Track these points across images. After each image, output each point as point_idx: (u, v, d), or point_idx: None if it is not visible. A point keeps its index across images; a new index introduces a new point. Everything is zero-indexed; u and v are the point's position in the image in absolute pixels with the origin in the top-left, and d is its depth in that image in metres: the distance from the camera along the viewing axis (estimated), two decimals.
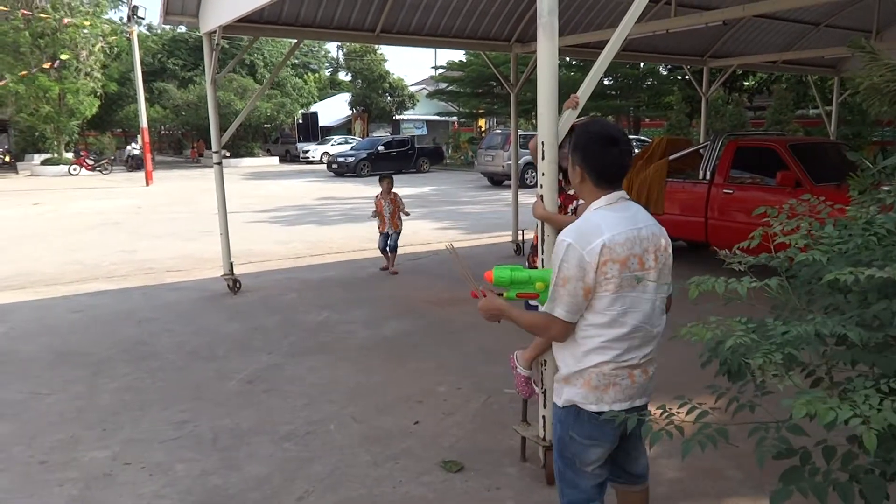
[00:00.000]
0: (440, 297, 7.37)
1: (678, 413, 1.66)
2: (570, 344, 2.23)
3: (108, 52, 31.82)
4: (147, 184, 23.83)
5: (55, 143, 31.54)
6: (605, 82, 28.92)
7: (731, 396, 1.64)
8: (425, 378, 4.97)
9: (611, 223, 2.12)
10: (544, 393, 3.41)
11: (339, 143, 36.71)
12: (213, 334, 6.14)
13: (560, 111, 3.25)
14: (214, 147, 7.60)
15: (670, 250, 2.24)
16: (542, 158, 3.24)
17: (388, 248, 8.81)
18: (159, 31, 45.59)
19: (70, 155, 31.86)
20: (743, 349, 1.48)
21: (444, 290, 7.67)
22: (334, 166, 28.36)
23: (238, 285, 7.70)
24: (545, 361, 3.39)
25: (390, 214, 8.73)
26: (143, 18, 24.43)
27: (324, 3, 7.71)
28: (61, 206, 17.59)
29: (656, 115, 30.81)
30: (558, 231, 3.21)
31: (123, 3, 35.90)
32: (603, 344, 2.16)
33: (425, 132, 44.10)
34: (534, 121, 31.24)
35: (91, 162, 30.50)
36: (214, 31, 7.15)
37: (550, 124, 3.22)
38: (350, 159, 27.92)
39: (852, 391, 1.35)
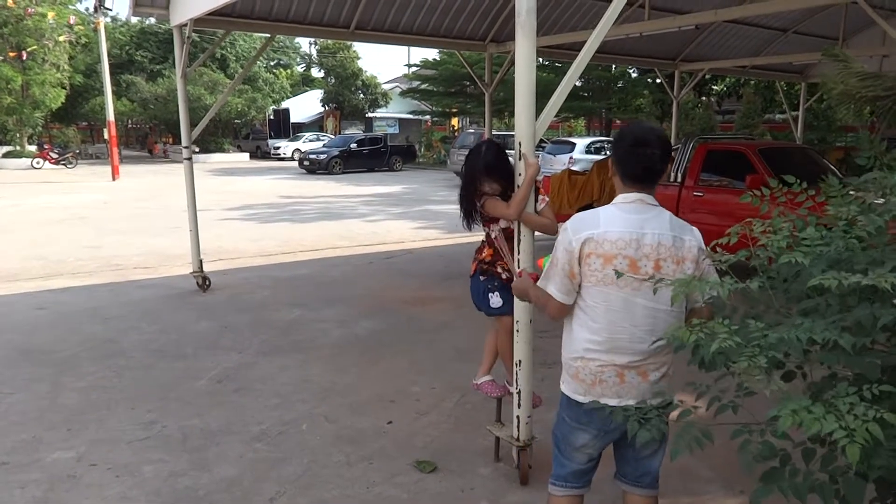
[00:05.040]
0: (413, 296, 7.33)
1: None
2: (567, 327, 2.39)
3: (74, 42, 31.11)
4: (113, 178, 23.37)
5: (17, 135, 30.76)
6: (577, 83, 29.11)
7: (712, 396, 1.64)
8: (398, 377, 4.94)
9: (610, 220, 2.21)
10: (519, 393, 3.40)
11: (311, 141, 36.40)
12: (181, 333, 6.03)
13: (537, 112, 3.24)
14: (184, 142, 7.47)
15: (689, 265, 2.19)
16: (520, 159, 3.23)
17: None
18: (126, 22, 44.77)
19: (33, 148, 31.10)
20: (727, 352, 1.49)
21: (418, 290, 7.64)
22: (306, 163, 28.10)
23: (207, 283, 7.57)
24: (520, 362, 3.38)
25: None
26: (109, 9, 23.97)
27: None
28: (24, 200, 17.15)
29: (627, 117, 31.09)
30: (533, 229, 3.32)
31: None
32: (588, 335, 2.27)
33: (397, 130, 43.94)
34: (507, 120, 31.19)
35: (55, 155, 29.72)
36: (185, 24, 7.02)
37: (528, 124, 3.21)
38: (322, 157, 27.68)
39: (835, 397, 1.36)
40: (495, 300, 3.67)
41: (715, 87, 27.15)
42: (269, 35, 8.14)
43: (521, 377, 3.38)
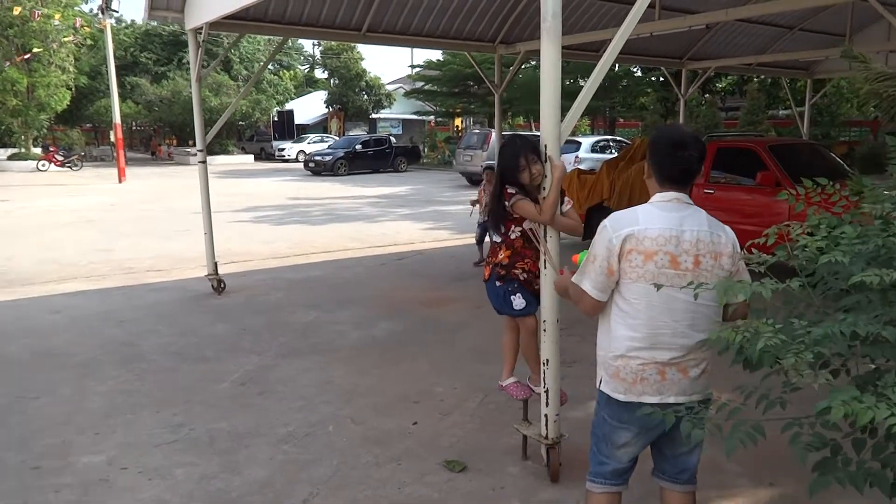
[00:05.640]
0: (427, 296, 7.37)
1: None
2: (605, 326, 2.39)
3: (79, 44, 31.21)
4: (120, 181, 23.45)
5: (23, 137, 30.87)
6: (581, 83, 29.31)
7: (760, 393, 1.68)
8: (420, 378, 4.97)
9: (650, 218, 2.25)
10: (547, 392, 3.43)
11: (316, 142, 36.48)
12: (200, 335, 6.06)
13: (563, 114, 3.28)
14: (199, 145, 7.52)
15: (726, 260, 2.25)
16: (546, 161, 3.26)
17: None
18: (130, 24, 44.87)
19: (38, 150, 31.22)
20: (774, 349, 1.53)
21: (430, 290, 7.67)
22: (311, 165, 28.18)
23: (223, 286, 7.61)
24: (548, 361, 3.41)
25: (485, 204, 8.75)
26: (116, 11, 23.98)
27: (309, 2, 7.66)
28: (31, 202, 17.23)
29: (631, 115, 31.15)
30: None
31: None
32: (629, 333, 2.28)
33: (400, 131, 44.00)
34: (510, 120, 31.05)
35: (60, 157, 29.84)
36: (200, 28, 7.06)
37: (553, 126, 3.25)
38: (327, 158, 27.74)
39: (884, 387, 1.39)
40: (518, 302, 3.68)
41: (719, 85, 27.21)
42: (281, 38, 8.15)
43: (549, 376, 3.41)
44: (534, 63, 22.34)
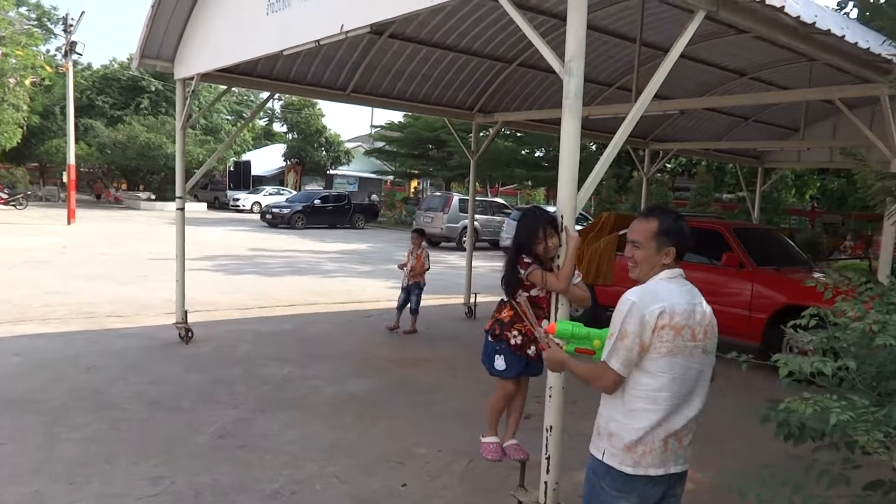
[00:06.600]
0: (398, 356, 7.36)
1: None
2: (619, 400, 2.39)
3: (38, 84, 30.64)
4: (69, 222, 22.78)
5: None
6: (537, 154, 30.29)
7: (819, 469, 1.77)
8: (401, 438, 4.92)
9: (672, 293, 2.35)
10: (548, 459, 3.47)
11: (272, 194, 36.34)
12: (173, 385, 5.89)
13: (579, 185, 3.44)
14: (178, 192, 7.50)
15: (715, 329, 2.44)
16: (562, 231, 3.40)
17: (409, 308, 8.63)
18: (87, 67, 44.30)
19: None
20: (843, 425, 1.63)
21: (401, 349, 7.67)
22: (268, 217, 27.98)
23: (190, 335, 7.43)
24: (551, 427, 3.47)
25: (411, 267, 8.58)
26: (80, 54, 23.77)
27: (298, 61, 7.83)
28: None
29: None
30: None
31: (57, 35, 34.87)
32: (650, 406, 2.32)
33: (356, 188, 44.23)
34: (467, 185, 31.59)
35: (5, 196, 28.89)
36: (190, 78, 7.13)
37: (570, 197, 3.41)
38: (285, 211, 27.62)
39: None
40: (500, 363, 3.86)
41: (668, 165, 28.42)
42: (268, 93, 8.27)
43: (551, 443, 3.46)
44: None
